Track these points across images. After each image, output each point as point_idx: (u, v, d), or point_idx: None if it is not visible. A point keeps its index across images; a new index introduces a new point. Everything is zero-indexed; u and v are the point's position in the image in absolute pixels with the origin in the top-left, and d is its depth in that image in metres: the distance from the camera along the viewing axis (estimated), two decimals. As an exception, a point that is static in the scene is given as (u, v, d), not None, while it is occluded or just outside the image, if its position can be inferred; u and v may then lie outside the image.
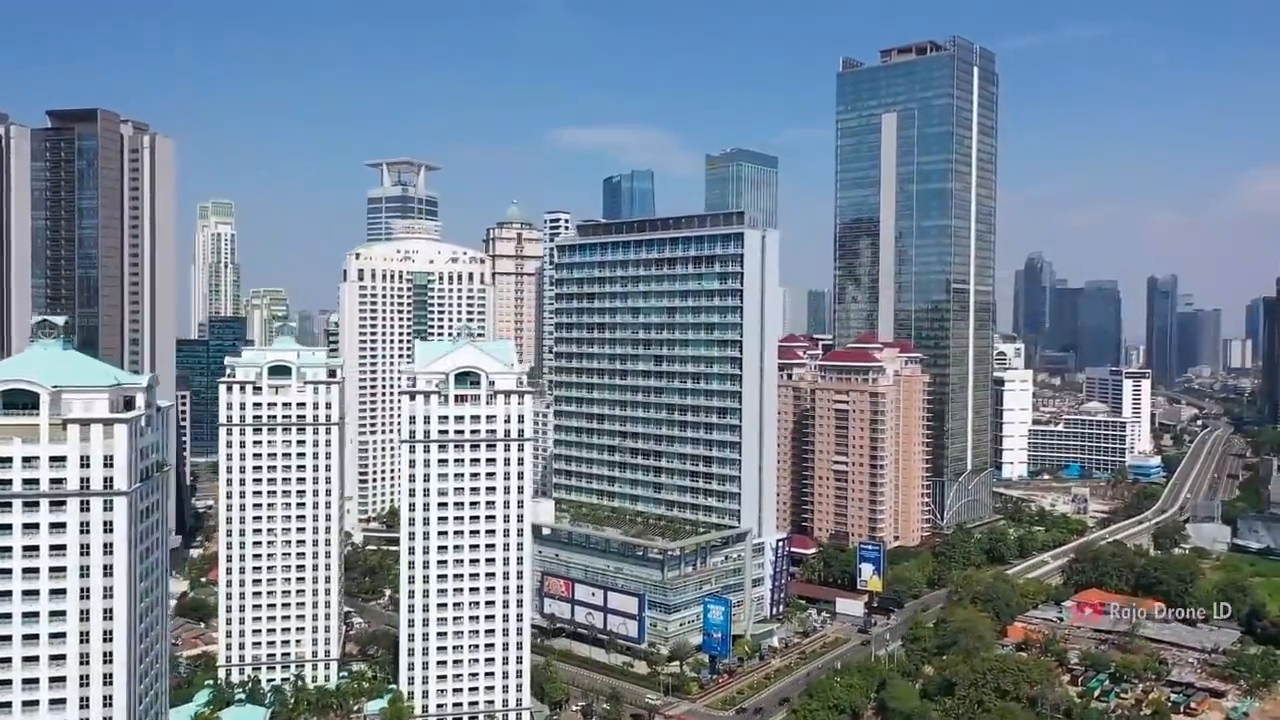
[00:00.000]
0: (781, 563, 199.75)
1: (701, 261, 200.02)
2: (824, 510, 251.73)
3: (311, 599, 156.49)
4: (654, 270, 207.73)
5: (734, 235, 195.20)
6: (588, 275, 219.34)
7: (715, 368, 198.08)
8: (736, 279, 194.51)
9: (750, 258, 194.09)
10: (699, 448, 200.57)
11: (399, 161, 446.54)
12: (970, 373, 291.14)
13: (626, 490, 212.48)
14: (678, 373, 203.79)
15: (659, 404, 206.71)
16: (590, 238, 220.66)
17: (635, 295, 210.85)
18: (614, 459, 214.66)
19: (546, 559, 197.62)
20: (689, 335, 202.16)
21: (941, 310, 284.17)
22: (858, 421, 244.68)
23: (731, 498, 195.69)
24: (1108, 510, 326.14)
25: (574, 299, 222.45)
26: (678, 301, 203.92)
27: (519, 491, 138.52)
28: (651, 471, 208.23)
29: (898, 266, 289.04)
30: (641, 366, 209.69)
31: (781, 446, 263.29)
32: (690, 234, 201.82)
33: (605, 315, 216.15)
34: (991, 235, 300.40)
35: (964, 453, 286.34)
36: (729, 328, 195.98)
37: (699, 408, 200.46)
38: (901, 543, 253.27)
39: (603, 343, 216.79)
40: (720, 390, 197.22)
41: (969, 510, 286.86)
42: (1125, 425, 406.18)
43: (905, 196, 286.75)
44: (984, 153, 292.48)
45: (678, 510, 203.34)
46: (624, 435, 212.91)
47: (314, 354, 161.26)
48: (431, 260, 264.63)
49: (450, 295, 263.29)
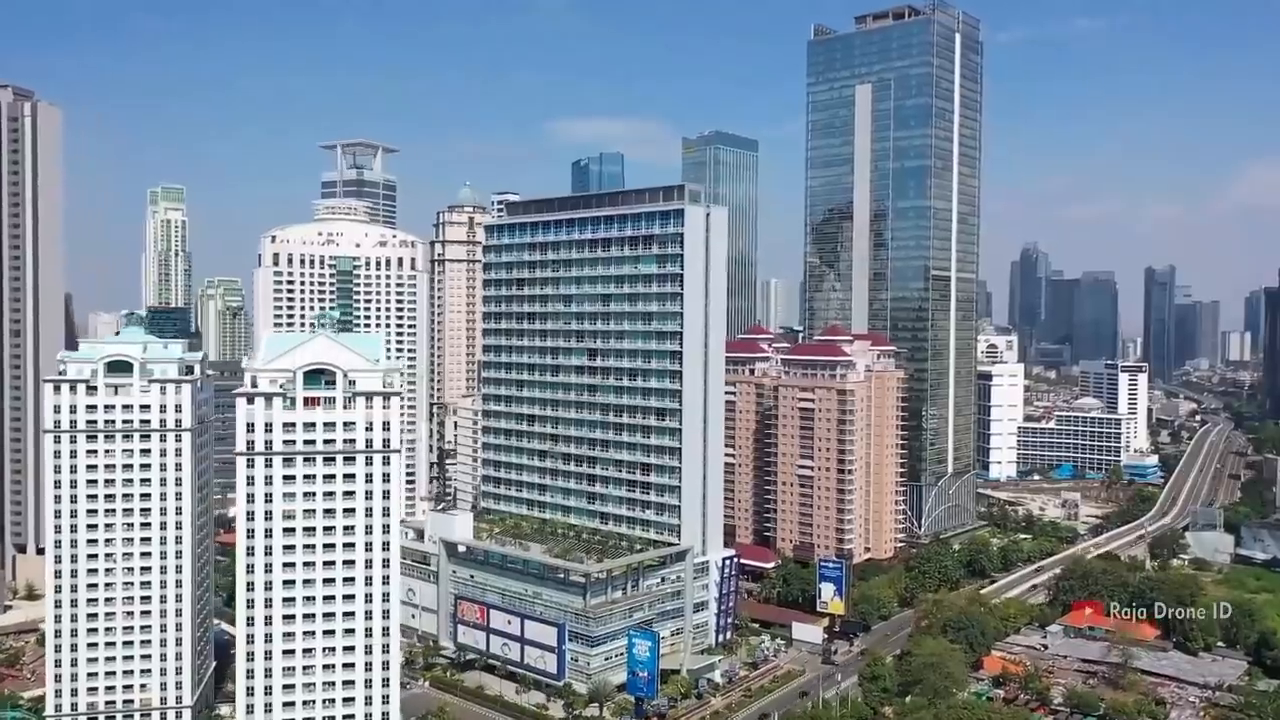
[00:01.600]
0: (729, 584, 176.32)
1: (638, 242, 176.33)
2: (788, 520, 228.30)
3: (160, 634, 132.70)
4: (587, 253, 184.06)
5: (673, 212, 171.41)
6: (516, 259, 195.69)
7: (653, 363, 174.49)
8: (676, 261, 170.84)
9: (692, 237, 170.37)
10: (636, 454, 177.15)
11: (354, 143, 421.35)
12: (952, 368, 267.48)
13: (559, 501, 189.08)
14: (612, 368, 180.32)
15: (593, 404, 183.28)
16: (519, 217, 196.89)
17: (567, 281, 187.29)
18: (545, 465, 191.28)
19: (461, 581, 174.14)
20: (624, 326, 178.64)
21: (920, 300, 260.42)
22: (824, 422, 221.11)
23: (671, 511, 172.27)
24: (1100, 515, 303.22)
25: (502, 286, 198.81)
26: (612, 288, 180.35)
27: (384, 514, 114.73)
28: (586, 480, 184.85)
29: (873, 252, 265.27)
30: (574, 361, 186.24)
31: (742, 449, 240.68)
32: (626, 211, 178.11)
33: (536, 304, 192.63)
34: (975, 219, 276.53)
35: (944, 455, 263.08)
36: (668, 317, 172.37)
37: (636, 408, 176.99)
38: (872, 555, 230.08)
39: (533, 335, 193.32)
40: (659, 389, 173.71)
41: (949, 517, 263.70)
42: (1120, 423, 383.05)
43: (881, 176, 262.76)
44: (967, 128, 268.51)
45: (614, 524, 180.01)
46: (556, 439, 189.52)
47: (167, 348, 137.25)
48: (358, 244, 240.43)
49: (378, 283, 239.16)
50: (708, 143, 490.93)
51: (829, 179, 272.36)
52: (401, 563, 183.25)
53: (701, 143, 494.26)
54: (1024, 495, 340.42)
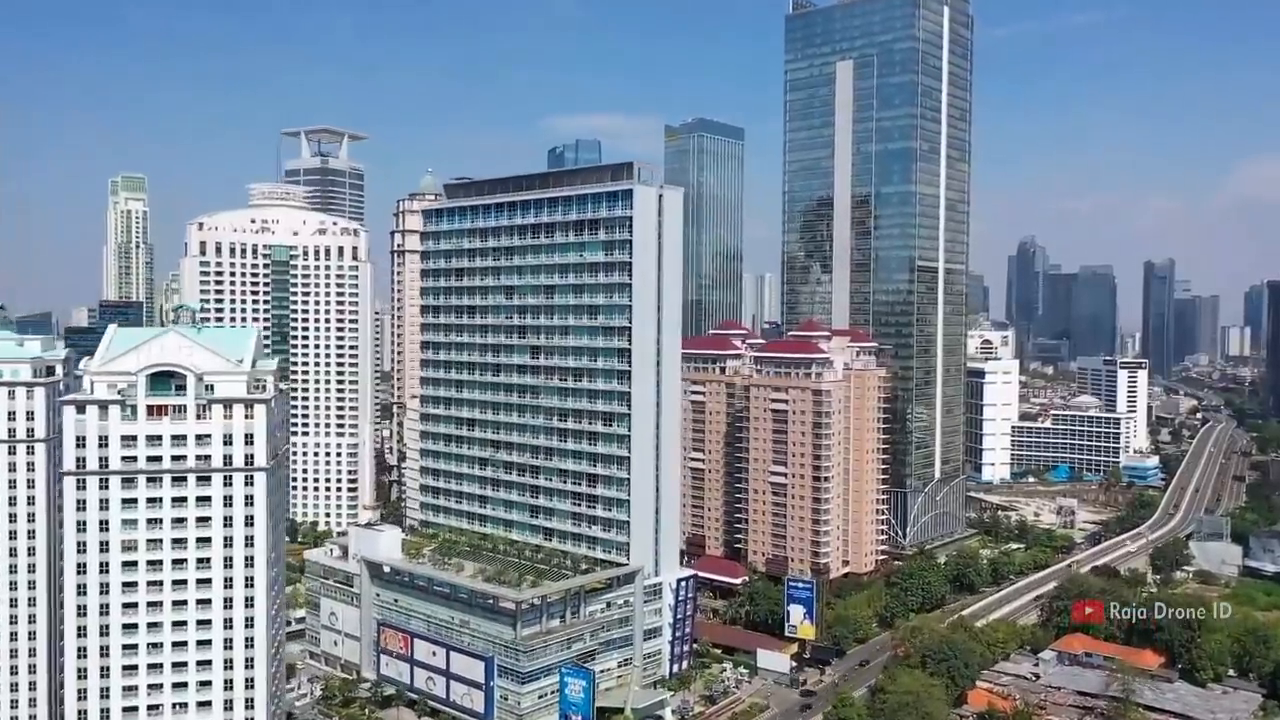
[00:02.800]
0: (685, 607, 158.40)
1: (583, 227, 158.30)
2: (760, 531, 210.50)
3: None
4: (529, 239, 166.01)
5: (621, 193, 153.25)
6: (455, 247, 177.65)
7: (599, 361, 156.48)
8: (624, 248, 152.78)
9: (642, 221, 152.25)
10: (582, 463, 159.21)
11: (318, 129, 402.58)
12: (940, 365, 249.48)
13: (501, 514, 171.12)
14: (557, 368, 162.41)
15: (536, 407, 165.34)
16: (459, 200, 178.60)
17: (509, 271, 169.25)
18: (486, 475, 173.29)
19: (385, 605, 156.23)
20: (569, 320, 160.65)
21: (906, 294, 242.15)
22: (798, 425, 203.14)
23: (619, 527, 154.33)
24: (1099, 521, 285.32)
25: (440, 277, 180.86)
26: (556, 278, 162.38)
27: (247, 545, 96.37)
28: (529, 492, 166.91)
29: (855, 242, 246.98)
30: (516, 360, 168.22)
31: (713, 454, 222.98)
32: (570, 193, 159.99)
33: (476, 296, 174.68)
34: (965, 205, 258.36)
35: (931, 459, 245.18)
36: (615, 310, 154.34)
37: (581, 412, 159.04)
38: (852, 569, 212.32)
39: (473, 330, 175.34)
40: (605, 390, 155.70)
41: (936, 525, 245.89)
42: (1119, 422, 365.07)
43: (863, 159, 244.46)
44: (956, 108, 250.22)
45: (559, 541, 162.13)
46: (497, 446, 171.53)
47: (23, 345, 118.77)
48: (295, 232, 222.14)
49: (316, 275, 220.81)
50: (691, 131, 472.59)
51: (807, 163, 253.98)
52: (323, 583, 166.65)
53: (685, 131, 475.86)
54: (1017, 499, 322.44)
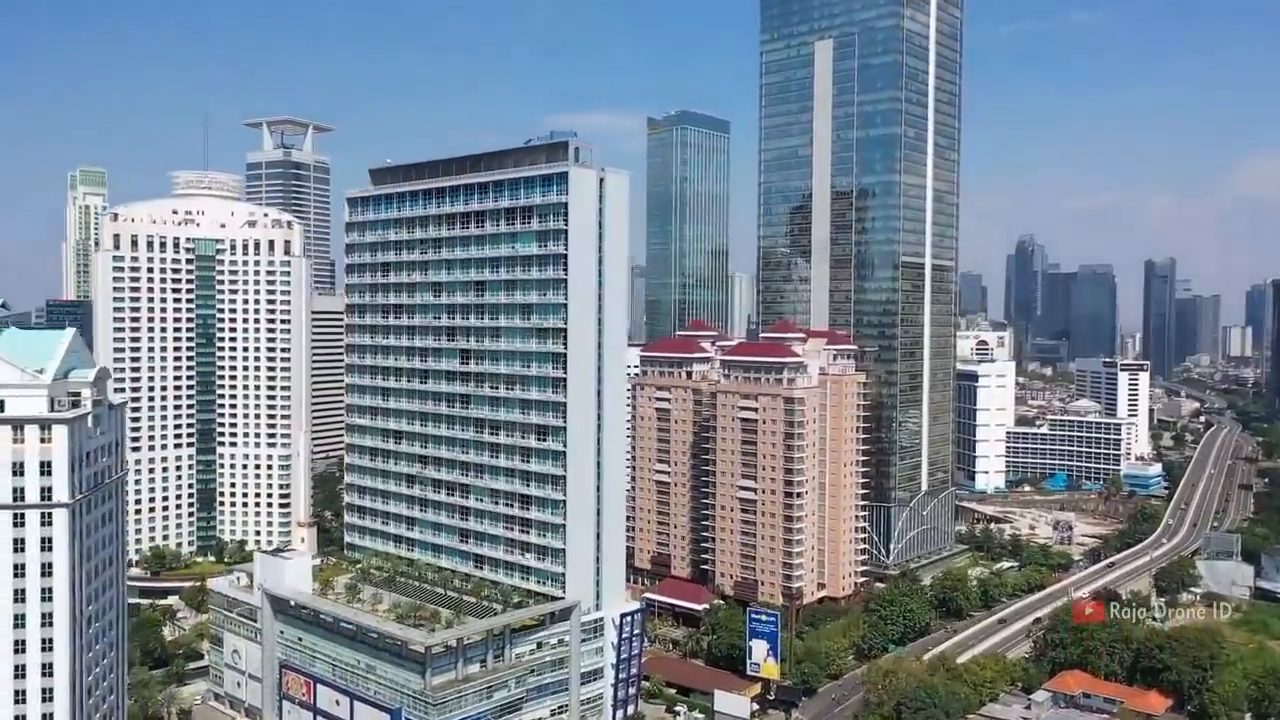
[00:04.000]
0: (630, 645, 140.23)
1: (515, 215, 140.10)
2: (728, 552, 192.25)
3: None
4: (459, 229, 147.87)
5: (555, 176, 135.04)
6: (381, 239, 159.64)
7: (533, 368, 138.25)
8: (559, 239, 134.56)
9: (579, 209, 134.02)
10: (514, 482, 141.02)
11: (281, 120, 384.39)
12: (927, 369, 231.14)
13: (429, 538, 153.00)
14: (488, 374, 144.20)
15: (466, 419, 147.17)
16: (386, 186, 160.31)
17: (437, 266, 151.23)
18: (414, 493, 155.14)
19: (289, 644, 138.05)
20: (500, 321, 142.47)
21: (890, 292, 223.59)
22: (769, 435, 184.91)
23: (555, 555, 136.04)
24: (1098, 536, 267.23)
25: (366, 272, 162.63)
26: (487, 273, 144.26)
27: (44, 599, 77.90)
28: (458, 513, 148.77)
29: (834, 236, 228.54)
30: (445, 366, 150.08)
31: (679, 466, 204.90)
32: (501, 176, 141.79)
33: (403, 294, 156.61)
34: (954, 198, 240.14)
35: (917, 470, 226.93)
36: (550, 310, 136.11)
37: (514, 425, 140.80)
38: (828, 592, 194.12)
39: (400, 332, 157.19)
40: (540, 401, 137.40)
41: (923, 542, 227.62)
42: (1120, 427, 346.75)
43: (843, 146, 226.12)
44: (944, 91, 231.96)
45: (491, 570, 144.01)
46: (425, 461, 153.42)
47: None
48: (222, 224, 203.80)
49: (245, 271, 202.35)
50: (674, 123, 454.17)
51: (784, 152, 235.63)
52: (226, 616, 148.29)
53: (668, 123, 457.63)
54: (1012, 510, 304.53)
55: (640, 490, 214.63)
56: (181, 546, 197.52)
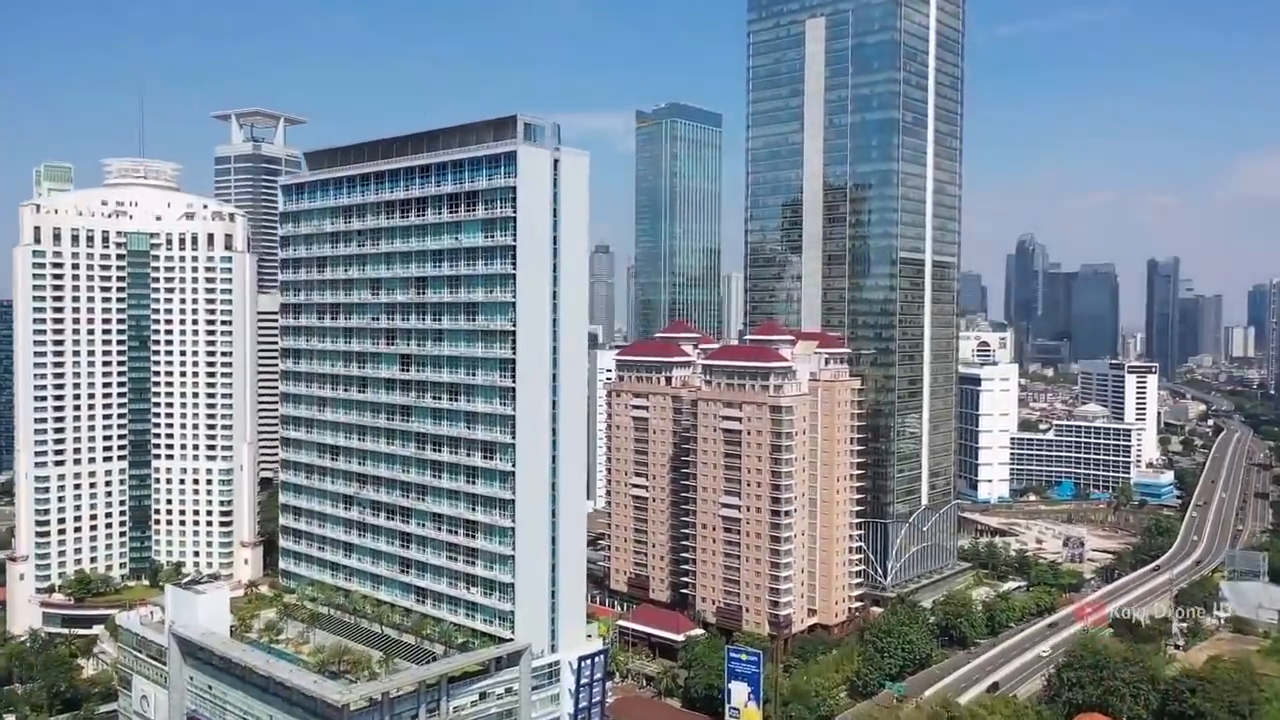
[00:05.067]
0: (590, 692, 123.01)
1: (459, 201, 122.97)
2: (710, 575, 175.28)
3: None
4: (398, 218, 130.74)
5: (503, 156, 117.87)
6: (316, 230, 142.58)
7: (479, 376, 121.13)
8: (507, 228, 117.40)
9: (530, 194, 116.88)
10: (458, 506, 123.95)
11: (250, 112, 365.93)
12: (928, 373, 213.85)
13: (367, 567, 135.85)
14: (429, 383, 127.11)
15: (407, 433, 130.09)
16: (323, 171, 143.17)
17: (375, 260, 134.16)
18: (351, 516, 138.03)
19: (199, 691, 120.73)
20: (443, 323, 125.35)
21: (887, 291, 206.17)
22: (754, 447, 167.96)
23: (502, 591, 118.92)
24: (1110, 551, 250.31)
25: (300, 267, 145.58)
26: (429, 268, 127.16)
27: None
28: (398, 540, 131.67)
29: (826, 230, 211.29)
30: (384, 373, 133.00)
31: (658, 480, 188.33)
32: (444, 158, 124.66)
33: (339, 292, 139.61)
34: (957, 189, 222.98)
35: (917, 483, 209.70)
36: (497, 309, 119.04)
37: (458, 441, 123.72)
38: (820, 619, 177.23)
39: (336, 335, 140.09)
40: (486, 413, 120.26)
41: (924, 561, 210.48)
42: (1129, 433, 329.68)
43: (836, 133, 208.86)
44: (945, 73, 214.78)
45: (432, 604, 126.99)
46: (363, 480, 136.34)
47: None
48: (158, 216, 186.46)
49: (182, 268, 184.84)
50: (664, 116, 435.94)
51: (773, 139, 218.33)
52: (135, 656, 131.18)
53: (658, 116, 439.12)
54: (1017, 522, 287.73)
55: (616, 506, 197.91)
56: (112, 569, 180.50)
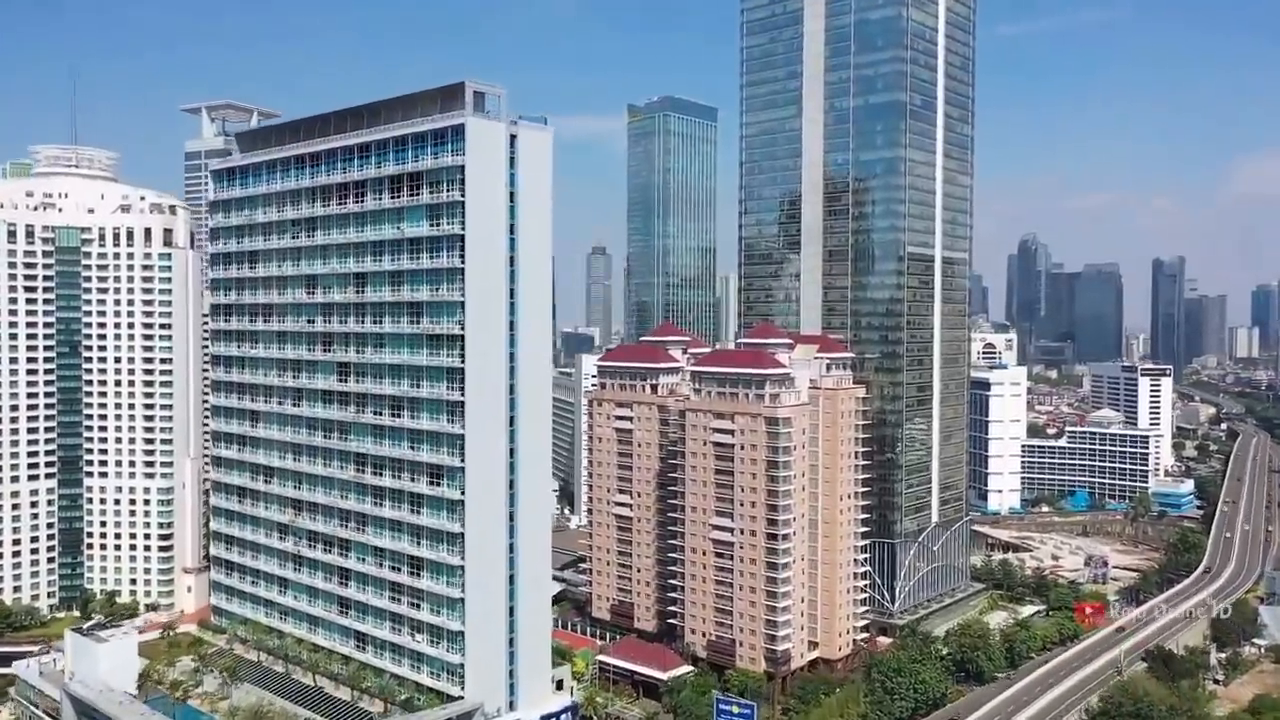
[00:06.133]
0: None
1: (401, 185, 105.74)
2: (699, 604, 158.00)
3: None
4: (335, 206, 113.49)
5: (449, 132, 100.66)
6: (248, 220, 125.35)
7: (424, 388, 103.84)
8: (455, 216, 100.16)
9: (482, 174, 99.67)
10: (401, 539, 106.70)
11: (222, 105, 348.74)
12: (938, 379, 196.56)
13: (304, 606, 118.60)
14: (370, 396, 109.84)
15: (345, 452, 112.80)
16: (255, 154, 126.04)
17: (311, 254, 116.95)
18: (287, 547, 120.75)
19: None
20: (385, 326, 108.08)
21: (894, 290, 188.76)
22: (748, 462, 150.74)
23: (451, 640, 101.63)
24: (1133, 569, 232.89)
25: (231, 263, 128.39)
26: (368, 262, 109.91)
27: None
28: (336, 576, 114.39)
29: (827, 224, 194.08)
30: (320, 384, 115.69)
31: (643, 498, 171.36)
32: (385, 135, 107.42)
33: (273, 290, 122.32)
34: (968, 178, 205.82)
35: (927, 499, 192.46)
36: (443, 310, 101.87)
37: (401, 463, 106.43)
38: (822, 653, 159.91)
39: (269, 340, 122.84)
40: (432, 432, 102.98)
41: (935, 583, 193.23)
42: (1146, 440, 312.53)
43: (837, 117, 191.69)
44: (956, 54, 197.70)
45: (374, 652, 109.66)
46: (299, 507, 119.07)
47: None
48: (91, 209, 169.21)
49: (117, 266, 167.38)
50: (657, 110, 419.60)
51: (769, 126, 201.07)
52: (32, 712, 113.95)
53: (650, 110, 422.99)
54: (1030, 535, 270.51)
55: (598, 526, 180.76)
56: (39, 599, 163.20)
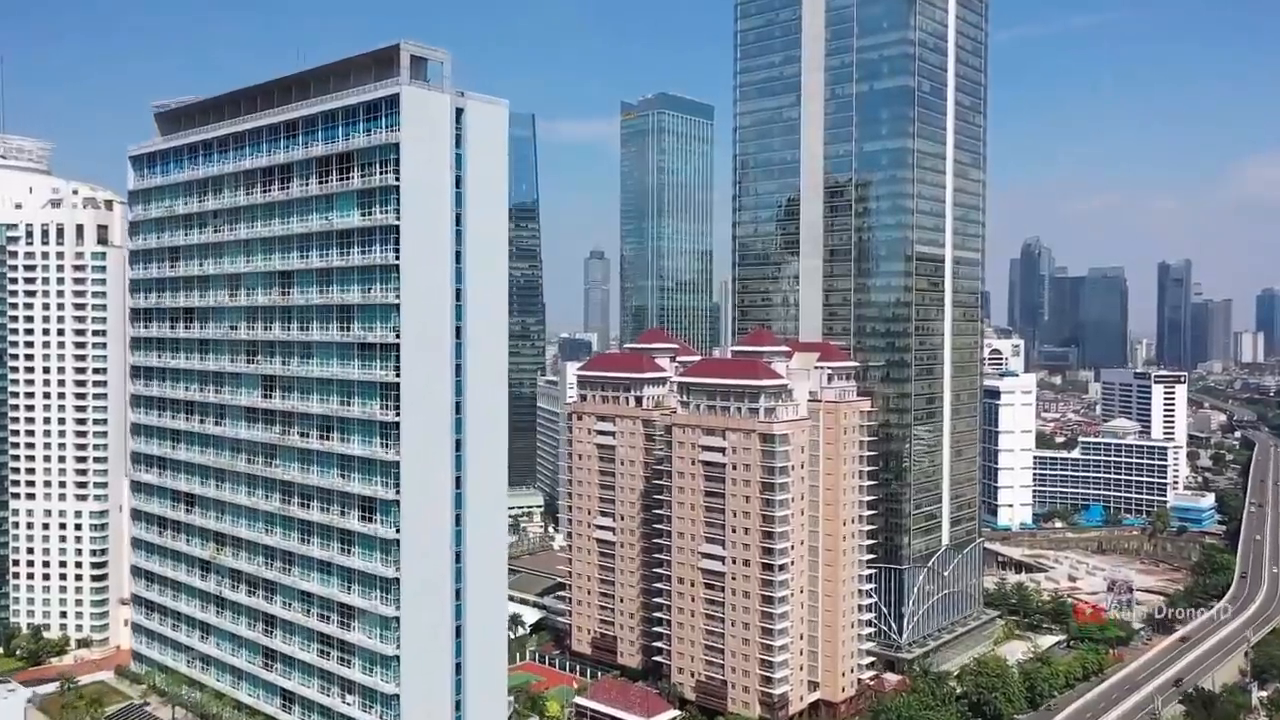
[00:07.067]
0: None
1: (330, 168, 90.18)
2: (688, 641, 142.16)
3: None
4: (260, 194, 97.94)
5: (382, 104, 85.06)
6: (169, 212, 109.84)
7: (356, 406, 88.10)
8: (389, 203, 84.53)
9: (420, 153, 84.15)
10: (330, 583, 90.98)
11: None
12: (948, 390, 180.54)
13: (226, 655, 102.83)
14: (297, 414, 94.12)
15: (271, 480, 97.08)
16: (178, 137, 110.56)
17: (234, 249, 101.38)
18: (209, 587, 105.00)
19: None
20: (312, 333, 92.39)
21: (900, 293, 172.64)
22: (740, 484, 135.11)
23: (387, 704, 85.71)
24: (1157, 591, 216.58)
25: (152, 262, 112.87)
26: (295, 259, 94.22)
27: None
28: (260, 623, 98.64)
29: (828, 222, 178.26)
30: (244, 399, 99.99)
31: (626, 521, 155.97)
32: (314, 110, 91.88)
33: (194, 293, 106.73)
34: (981, 172, 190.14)
35: (937, 519, 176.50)
36: (376, 315, 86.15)
37: (330, 494, 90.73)
38: (824, 694, 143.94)
39: (190, 349, 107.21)
40: (364, 458, 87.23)
41: (946, 610, 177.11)
42: (1164, 451, 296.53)
43: (840, 105, 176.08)
44: (967, 35, 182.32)
45: (300, 712, 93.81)
46: (221, 541, 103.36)
47: None
48: (18, 204, 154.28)
49: (45, 266, 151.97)
50: (651, 107, 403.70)
51: (764, 115, 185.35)
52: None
53: (644, 108, 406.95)
54: (1044, 553, 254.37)
55: (578, 551, 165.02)
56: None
